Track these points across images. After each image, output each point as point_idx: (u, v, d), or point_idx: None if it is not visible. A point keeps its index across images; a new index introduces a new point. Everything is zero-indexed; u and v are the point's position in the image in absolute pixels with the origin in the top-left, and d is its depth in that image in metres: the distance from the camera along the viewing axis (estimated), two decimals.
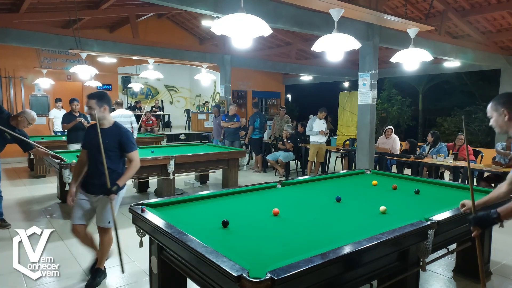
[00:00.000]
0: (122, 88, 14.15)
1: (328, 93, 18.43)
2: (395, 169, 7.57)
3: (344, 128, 14.10)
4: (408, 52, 4.59)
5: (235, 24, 2.86)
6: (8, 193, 5.96)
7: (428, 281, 3.33)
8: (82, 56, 7.74)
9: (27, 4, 7.22)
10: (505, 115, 2.10)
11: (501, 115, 2.11)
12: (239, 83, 14.95)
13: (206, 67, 10.04)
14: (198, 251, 1.82)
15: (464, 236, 2.98)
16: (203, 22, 10.17)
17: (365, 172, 4.43)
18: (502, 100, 2.13)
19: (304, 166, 8.59)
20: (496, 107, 2.14)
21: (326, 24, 5.79)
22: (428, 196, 3.29)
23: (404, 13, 6.75)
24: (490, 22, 8.65)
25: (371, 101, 6.63)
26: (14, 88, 10.34)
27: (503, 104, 2.11)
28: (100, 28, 11.29)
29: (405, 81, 17.22)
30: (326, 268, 1.77)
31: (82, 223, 3.15)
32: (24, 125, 4.50)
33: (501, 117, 2.12)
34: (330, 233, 2.28)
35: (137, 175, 5.56)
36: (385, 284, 2.29)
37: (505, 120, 2.11)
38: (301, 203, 3.06)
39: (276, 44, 12.45)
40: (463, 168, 5.87)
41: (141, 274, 3.35)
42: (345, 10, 3.92)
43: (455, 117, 15.11)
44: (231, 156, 6.45)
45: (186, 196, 3.00)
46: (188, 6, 5.05)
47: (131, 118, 7.36)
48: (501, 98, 2.16)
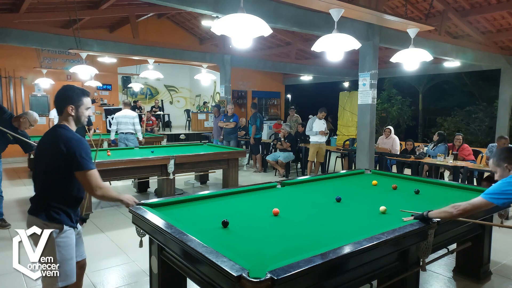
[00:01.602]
0: (122, 88, 14.15)
1: (328, 93, 18.44)
2: (395, 169, 7.57)
3: (344, 128, 14.10)
4: (408, 52, 4.59)
5: (235, 24, 2.86)
6: (8, 193, 5.96)
7: (428, 281, 3.33)
8: (82, 56, 7.74)
9: (27, 4, 7.22)
10: (509, 170, 2.23)
11: (505, 170, 2.24)
12: (239, 83, 14.95)
13: (206, 67, 10.03)
14: (198, 251, 1.82)
15: (464, 236, 2.99)
16: (203, 22, 10.18)
17: (365, 172, 4.43)
18: (503, 156, 2.27)
19: (304, 166, 8.59)
20: (498, 163, 2.28)
21: (326, 24, 5.79)
22: (428, 196, 3.29)
23: (404, 13, 6.76)
24: (490, 22, 8.65)
25: (371, 101, 6.63)
26: (14, 88, 10.34)
27: (504, 159, 2.25)
28: (100, 28, 11.29)
29: (405, 81, 17.24)
30: (326, 268, 1.77)
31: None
32: (26, 126, 4.50)
33: (505, 171, 2.25)
34: (330, 233, 2.28)
35: (137, 175, 5.60)
36: (385, 284, 2.29)
37: (510, 174, 2.23)
38: (301, 203, 3.06)
39: (276, 44, 12.45)
40: (463, 168, 5.87)
41: (141, 274, 3.35)
42: (345, 10, 3.92)
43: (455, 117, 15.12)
44: (231, 156, 6.45)
45: (186, 196, 3.00)
46: (188, 6, 5.05)
47: (134, 120, 7.32)
48: (501, 154, 2.29)
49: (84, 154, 2.07)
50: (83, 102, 2.22)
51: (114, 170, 5.07)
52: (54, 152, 2.05)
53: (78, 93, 2.21)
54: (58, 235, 2.05)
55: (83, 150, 2.08)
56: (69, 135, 2.11)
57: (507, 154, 2.26)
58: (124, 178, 5.61)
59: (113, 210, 5.45)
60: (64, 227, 2.09)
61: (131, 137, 7.35)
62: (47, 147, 2.13)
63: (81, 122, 2.25)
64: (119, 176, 5.31)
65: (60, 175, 2.08)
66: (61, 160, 2.05)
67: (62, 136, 2.09)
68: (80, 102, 2.21)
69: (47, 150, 2.12)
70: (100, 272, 3.42)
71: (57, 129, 2.15)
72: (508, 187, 2.09)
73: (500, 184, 2.15)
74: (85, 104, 2.23)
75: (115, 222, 4.86)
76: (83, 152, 2.07)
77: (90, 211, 5.05)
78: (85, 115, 2.25)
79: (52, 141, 2.10)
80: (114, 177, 5.29)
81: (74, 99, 2.19)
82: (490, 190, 2.17)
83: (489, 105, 14.78)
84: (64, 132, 2.12)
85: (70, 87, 2.23)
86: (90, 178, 2.08)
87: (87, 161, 2.07)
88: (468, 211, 2.20)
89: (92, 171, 2.09)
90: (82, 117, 2.23)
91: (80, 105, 2.20)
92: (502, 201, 2.12)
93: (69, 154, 2.03)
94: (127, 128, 7.30)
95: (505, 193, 2.09)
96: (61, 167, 2.07)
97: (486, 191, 2.18)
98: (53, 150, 2.06)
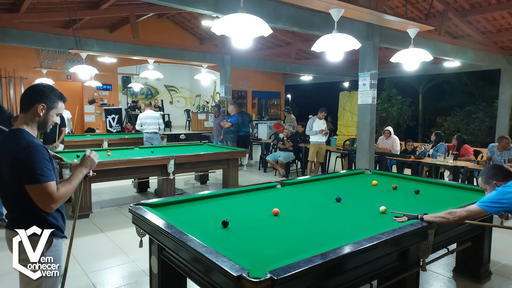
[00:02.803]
0: (122, 88, 14.15)
1: (328, 93, 18.44)
2: (395, 169, 7.57)
3: (344, 128, 14.10)
4: (408, 52, 4.59)
5: (235, 24, 2.86)
6: None
7: (428, 281, 3.33)
8: (82, 56, 7.75)
9: (27, 4, 7.23)
10: (498, 187, 2.28)
11: (494, 187, 2.30)
12: (239, 83, 14.96)
13: (206, 67, 10.04)
14: (198, 251, 1.82)
15: (464, 236, 2.99)
16: (203, 22, 10.18)
17: (365, 172, 4.43)
18: (491, 174, 2.35)
19: (304, 166, 8.59)
20: (487, 180, 2.36)
21: (326, 24, 5.79)
22: (428, 196, 3.29)
23: (404, 13, 6.75)
24: (490, 22, 8.65)
25: (371, 101, 6.63)
26: (14, 88, 10.35)
27: (493, 176, 2.33)
28: (100, 28, 11.30)
29: (405, 81, 17.24)
30: (326, 268, 1.77)
31: None
32: None
33: (494, 188, 2.31)
34: (330, 233, 2.28)
35: (137, 175, 5.60)
36: (385, 284, 2.29)
37: None
38: (301, 203, 3.06)
39: (276, 44, 12.45)
40: (463, 168, 5.87)
41: (141, 274, 3.35)
42: (345, 10, 3.92)
43: (455, 117, 15.12)
44: (231, 156, 6.45)
45: (186, 196, 3.00)
46: (188, 6, 5.05)
47: (159, 120, 7.77)
48: (489, 171, 2.37)
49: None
50: (57, 106, 1.91)
51: (114, 170, 5.08)
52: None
53: (56, 94, 1.91)
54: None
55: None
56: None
57: (495, 171, 2.35)
58: (124, 178, 5.61)
59: (113, 210, 5.45)
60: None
61: (156, 136, 7.77)
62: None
63: (45, 128, 1.91)
64: (119, 176, 5.31)
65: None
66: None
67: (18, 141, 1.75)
68: (55, 104, 1.89)
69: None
70: (100, 272, 3.42)
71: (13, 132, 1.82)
72: (503, 196, 2.17)
73: (495, 193, 2.23)
74: (58, 108, 1.92)
75: (115, 222, 4.86)
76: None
77: (90, 211, 5.04)
78: (53, 121, 1.93)
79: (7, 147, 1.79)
80: (114, 177, 5.29)
81: (50, 99, 1.87)
82: (485, 199, 2.26)
83: (489, 105, 14.79)
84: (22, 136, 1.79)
85: (50, 85, 1.92)
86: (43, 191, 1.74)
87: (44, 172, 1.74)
88: (463, 218, 2.30)
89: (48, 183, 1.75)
90: (49, 122, 1.90)
91: (52, 108, 1.88)
92: (496, 209, 2.21)
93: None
94: (152, 128, 7.70)
95: (499, 202, 2.18)
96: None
97: (482, 199, 2.27)
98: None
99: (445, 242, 2.75)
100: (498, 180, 2.30)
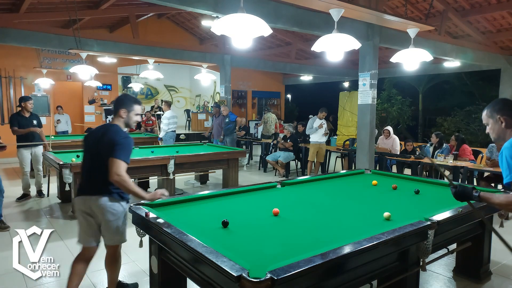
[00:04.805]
0: (122, 88, 14.15)
1: (328, 93, 18.43)
2: (395, 169, 7.57)
3: (344, 128, 14.10)
4: (408, 52, 4.59)
5: (235, 24, 2.86)
6: (8, 193, 5.95)
7: (428, 281, 3.33)
8: (82, 56, 7.74)
9: (27, 4, 7.22)
10: (501, 122, 2.03)
11: (497, 122, 2.04)
12: (239, 83, 14.95)
13: (206, 67, 10.03)
14: (198, 251, 1.82)
15: (464, 236, 2.99)
16: (203, 22, 10.17)
17: (365, 172, 4.43)
18: (497, 107, 2.06)
19: (304, 166, 8.59)
20: (491, 113, 2.07)
21: (326, 24, 5.79)
22: (428, 196, 3.30)
23: (404, 13, 6.75)
24: (490, 22, 8.65)
25: (371, 101, 6.63)
26: (14, 88, 10.34)
27: (498, 110, 2.04)
28: (100, 28, 11.29)
29: (405, 81, 17.23)
30: (326, 268, 1.77)
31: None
32: None
33: (497, 124, 2.05)
34: (330, 233, 2.28)
35: (137, 175, 5.59)
36: (385, 284, 2.29)
37: (501, 127, 2.04)
38: (301, 203, 3.06)
39: (276, 44, 12.45)
40: (463, 168, 5.87)
41: (141, 274, 3.35)
42: (345, 10, 3.92)
43: (455, 117, 15.11)
44: (231, 156, 6.45)
45: (186, 196, 3.00)
46: (188, 6, 5.05)
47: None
48: (496, 104, 2.08)
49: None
50: (133, 108, 2.69)
51: None
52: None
53: (131, 100, 2.71)
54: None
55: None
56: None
57: (501, 105, 2.06)
58: None
59: None
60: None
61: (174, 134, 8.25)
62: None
63: (130, 125, 2.74)
64: None
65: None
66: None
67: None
68: (131, 108, 2.68)
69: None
70: (100, 272, 3.41)
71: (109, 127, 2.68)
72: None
73: (508, 158, 1.90)
74: (135, 110, 2.70)
75: None
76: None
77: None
78: (134, 120, 2.71)
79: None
80: None
81: (128, 104, 2.67)
82: (507, 173, 1.90)
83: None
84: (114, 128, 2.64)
85: (127, 94, 2.73)
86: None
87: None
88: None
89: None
90: (131, 120, 2.70)
91: (131, 110, 2.69)
92: None
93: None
94: (176, 126, 8.19)
95: None
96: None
97: (505, 176, 1.90)
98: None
99: (445, 242, 2.75)
100: (503, 114, 2.02)
